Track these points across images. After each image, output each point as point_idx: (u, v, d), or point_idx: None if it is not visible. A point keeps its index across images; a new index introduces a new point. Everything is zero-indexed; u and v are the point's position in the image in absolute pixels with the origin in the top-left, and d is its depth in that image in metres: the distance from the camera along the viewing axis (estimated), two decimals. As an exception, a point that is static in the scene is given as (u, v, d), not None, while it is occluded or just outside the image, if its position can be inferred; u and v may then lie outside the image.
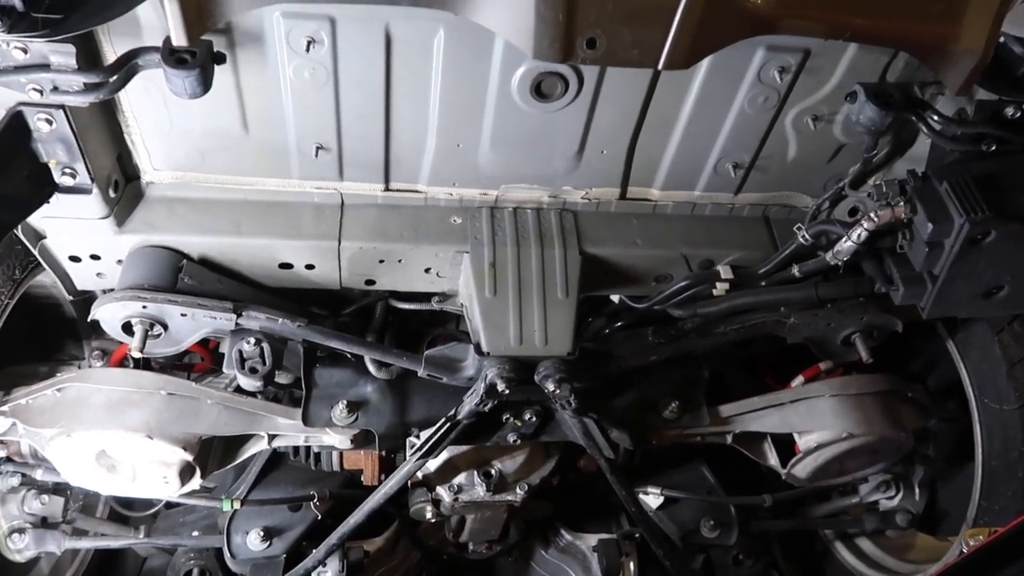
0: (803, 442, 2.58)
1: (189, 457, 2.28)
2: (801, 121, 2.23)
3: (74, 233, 2.18)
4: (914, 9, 1.49)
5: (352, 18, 1.88)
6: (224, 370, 2.21)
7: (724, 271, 2.44)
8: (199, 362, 2.83)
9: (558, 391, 2.22)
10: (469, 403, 2.28)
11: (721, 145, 2.28)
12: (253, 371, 2.16)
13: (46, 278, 2.68)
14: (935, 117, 2.06)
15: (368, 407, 2.44)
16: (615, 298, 2.67)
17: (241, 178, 2.27)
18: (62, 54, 1.73)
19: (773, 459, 2.71)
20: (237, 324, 2.20)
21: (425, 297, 2.55)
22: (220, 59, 1.84)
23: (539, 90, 2.06)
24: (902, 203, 2.09)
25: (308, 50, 1.91)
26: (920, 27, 1.49)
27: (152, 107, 2.05)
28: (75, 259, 2.27)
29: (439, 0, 1.38)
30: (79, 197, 2.06)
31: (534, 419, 2.42)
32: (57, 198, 2.05)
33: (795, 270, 2.37)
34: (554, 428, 2.49)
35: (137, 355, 2.11)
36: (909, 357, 3.02)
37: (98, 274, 2.32)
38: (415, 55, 1.98)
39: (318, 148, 2.18)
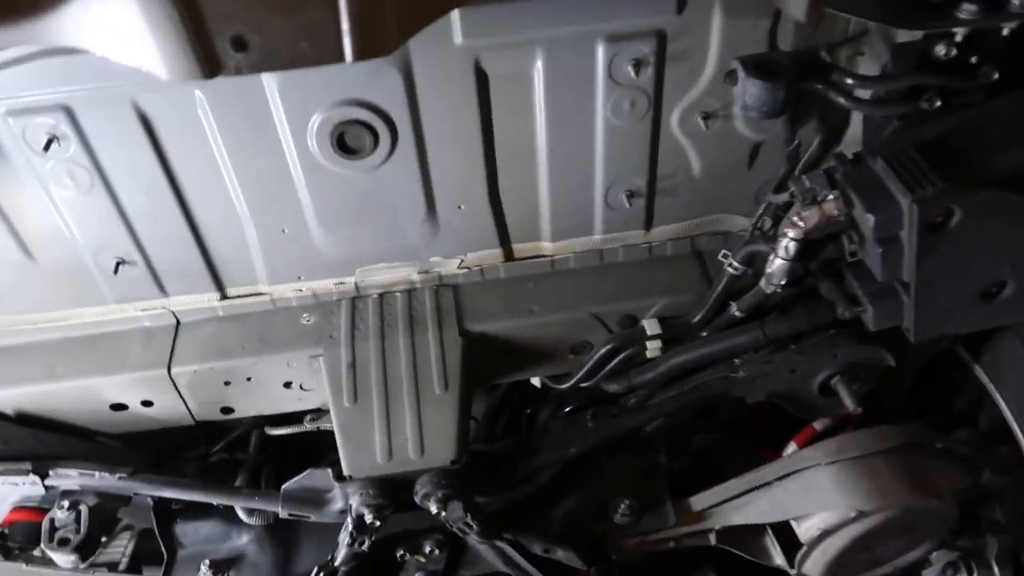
0: (803, 531, 1.96)
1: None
2: (690, 123, 1.77)
3: None
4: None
5: (89, 102, 1.57)
6: (43, 547, 1.82)
7: (649, 326, 1.94)
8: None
9: (444, 512, 1.74)
10: (344, 543, 1.81)
11: (602, 172, 1.84)
12: (64, 543, 1.76)
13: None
14: (847, 80, 1.57)
15: (243, 563, 2.00)
16: (536, 381, 2.18)
17: (51, 313, 1.95)
18: None
19: (779, 557, 2.08)
20: (45, 487, 1.82)
21: (300, 418, 2.12)
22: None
23: (344, 146, 1.69)
24: (831, 197, 1.58)
25: (47, 150, 1.60)
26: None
27: (-83, 250, 1.78)
28: None
29: (25, 34, 1.04)
30: None
31: (437, 552, 1.92)
32: None
33: (733, 309, 1.85)
34: (472, 559, 1.97)
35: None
36: (952, 395, 2.38)
37: (-85, 451, 2.02)
38: (183, 131, 1.65)
39: (119, 263, 1.84)
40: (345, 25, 1.03)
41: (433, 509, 1.75)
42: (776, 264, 1.68)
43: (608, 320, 1.98)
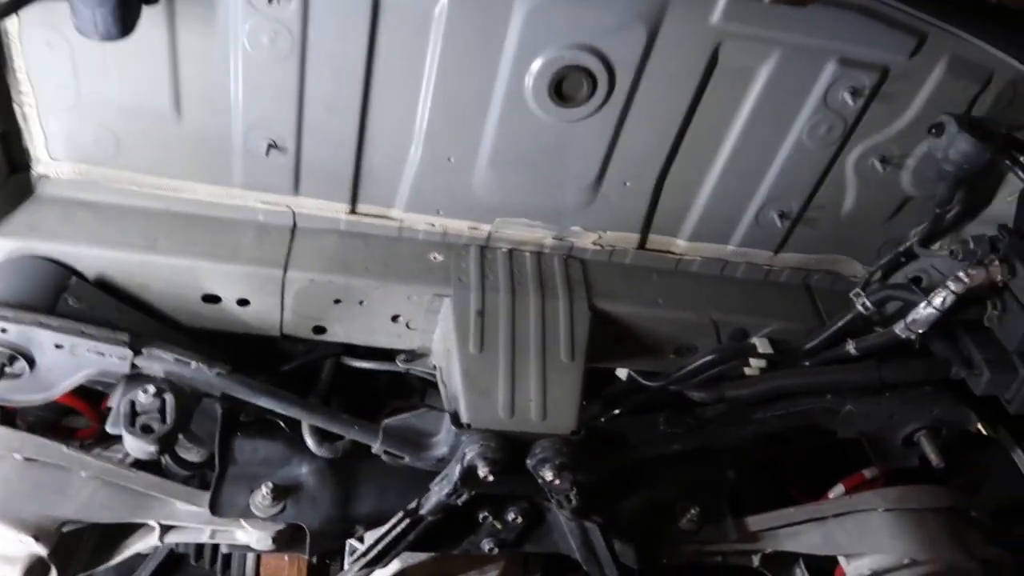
0: (852, 569, 2.05)
1: (42, 551, 1.64)
2: (866, 163, 1.86)
3: (-75, 228, 1.63)
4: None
5: (332, -34, 1.46)
6: (108, 427, 1.62)
7: (762, 344, 1.98)
8: (84, 427, 2.21)
9: (557, 481, 1.69)
10: (438, 493, 1.72)
11: (769, 187, 1.89)
12: (146, 430, 1.57)
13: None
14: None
15: (301, 494, 1.85)
16: (621, 375, 2.18)
17: (166, 180, 1.77)
18: (-77, -47, 1.25)
19: (807, 589, 2.16)
20: (133, 365, 1.63)
21: (387, 355, 2.02)
22: (149, -4, 1.38)
23: (559, 90, 1.65)
24: (997, 262, 1.69)
25: (271, 2, 1.47)
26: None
27: (55, 69, 1.57)
28: (-76, 267, 1.71)
29: None
30: (-65, 177, 1.53)
31: (519, 520, 1.86)
32: (-97, 175, 1.52)
33: (850, 347, 1.92)
34: (542, 535, 1.92)
35: (-17, 397, 1.52)
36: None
37: (-46, 291, 1.75)
38: (408, 29, 1.56)
39: (270, 146, 1.70)
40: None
41: (548, 476, 1.69)
42: (924, 313, 1.76)
43: (723, 329, 2.01)
